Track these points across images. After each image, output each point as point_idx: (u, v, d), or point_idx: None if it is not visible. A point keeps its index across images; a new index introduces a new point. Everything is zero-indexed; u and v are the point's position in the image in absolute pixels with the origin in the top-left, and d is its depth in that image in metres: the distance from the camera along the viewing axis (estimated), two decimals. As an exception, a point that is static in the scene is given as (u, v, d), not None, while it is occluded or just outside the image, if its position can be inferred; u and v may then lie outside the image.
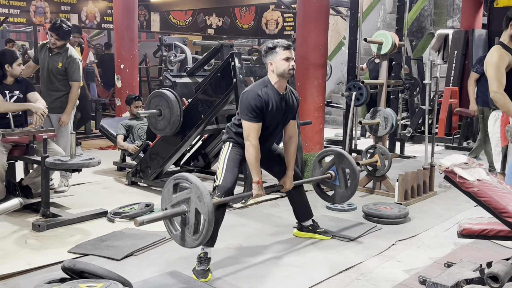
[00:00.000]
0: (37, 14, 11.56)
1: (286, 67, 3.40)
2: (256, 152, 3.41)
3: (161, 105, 4.99)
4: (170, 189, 3.11)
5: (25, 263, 3.43)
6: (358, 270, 3.45)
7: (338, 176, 4.05)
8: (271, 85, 3.46)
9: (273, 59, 3.43)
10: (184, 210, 2.99)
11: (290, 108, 3.59)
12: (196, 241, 2.96)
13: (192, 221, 2.96)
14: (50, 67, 5.26)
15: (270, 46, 3.45)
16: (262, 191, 3.50)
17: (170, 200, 3.08)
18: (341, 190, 4.08)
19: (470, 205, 4.86)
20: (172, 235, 3.10)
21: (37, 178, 4.59)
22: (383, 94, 5.46)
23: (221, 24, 16.07)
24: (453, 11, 12.40)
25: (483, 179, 2.48)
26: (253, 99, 3.38)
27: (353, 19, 7.12)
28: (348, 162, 4.02)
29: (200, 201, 2.92)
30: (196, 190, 2.94)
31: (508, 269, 2.59)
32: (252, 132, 3.39)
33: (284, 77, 3.45)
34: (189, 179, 3.01)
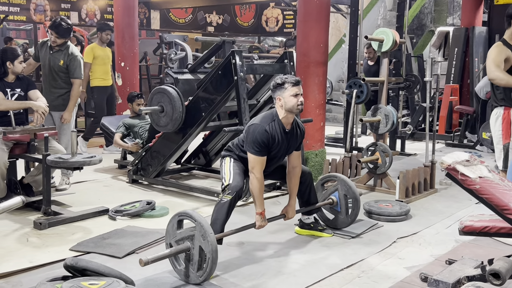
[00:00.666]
0: (37, 12, 11.55)
1: (295, 103, 3.44)
2: (260, 185, 3.47)
3: (163, 102, 4.99)
4: (175, 225, 3.20)
5: (27, 261, 3.44)
6: (360, 267, 3.45)
7: (340, 202, 4.08)
8: (279, 119, 3.50)
9: (281, 95, 3.47)
10: (188, 247, 3.08)
11: (294, 141, 3.65)
12: (200, 277, 3.04)
13: (196, 258, 3.04)
14: (51, 64, 5.26)
15: (278, 82, 3.49)
16: (265, 222, 3.56)
17: (175, 236, 3.17)
18: (341, 217, 4.11)
19: (471, 202, 4.87)
20: (176, 270, 3.18)
21: (38, 176, 4.59)
22: (384, 92, 5.45)
23: (221, 21, 16.07)
24: (453, 9, 12.38)
25: (485, 176, 2.48)
26: (260, 134, 3.42)
27: (353, 16, 7.13)
28: (351, 191, 4.04)
29: (204, 240, 3.00)
30: (200, 228, 3.02)
31: (509, 266, 2.59)
32: (257, 165, 3.44)
33: (293, 113, 3.49)
34: (194, 217, 3.09)
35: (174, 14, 15.49)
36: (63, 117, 5.23)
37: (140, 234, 3.95)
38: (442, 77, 9.23)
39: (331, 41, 10.63)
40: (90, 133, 7.50)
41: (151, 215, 4.44)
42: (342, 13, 12.01)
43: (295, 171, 3.72)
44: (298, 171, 3.73)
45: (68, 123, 5.27)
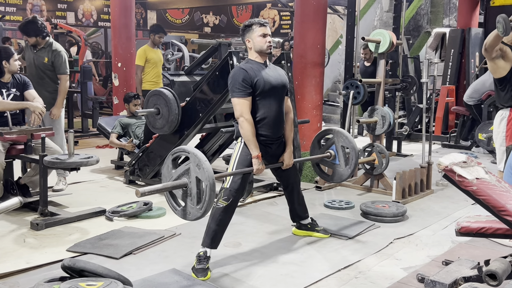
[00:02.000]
0: (34, 12, 11.52)
1: (264, 43, 3.46)
2: (251, 127, 3.41)
3: (159, 104, 4.99)
4: (169, 166, 3.09)
5: (24, 262, 3.43)
6: (357, 268, 3.46)
7: (338, 154, 4.04)
8: (252, 60, 3.52)
9: (250, 36, 3.49)
10: (185, 182, 2.97)
11: (279, 77, 3.58)
12: (200, 210, 2.93)
13: (194, 191, 2.94)
14: (36, 63, 5.26)
15: (246, 24, 3.53)
16: (262, 165, 3.48)
17: (171, 177, 3.06)
18: (340, 169, 4.07)
19: (468, 203, 4.89)
20: (176, 212, 3.07)
21: (35, 177, 4.58)
22: (381, 93, 5.47)
23: (218, 22, 16.07)
24: (450, 10, 12.42)
25: (482, 177, 2.49)
26: (237, 74, 3.42)
27: (350, 17, 7.15)
28: (348, 141, 4.01)
29: (199, 169, 2.90)
30: (194, 158, 2.93)
31: (506, 267, 2.61)
32: (243, 107, 3.40)
33: (263, 53, 3.50)
34: (186, 149, 3.02)
35: (170, 15, 15.49)
36: (52, 113, 5.19)
37: (137, 234, 3.95)
38: (439, 78, 9.27)
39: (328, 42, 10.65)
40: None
41: (148, 216, 4.44)
42: (339, 14, 12.04)
43: (288, 116, 3.70)
44: (291, 116, 3.72)
45: (59, 123, 5.26)
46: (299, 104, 5.67)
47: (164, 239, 3.89)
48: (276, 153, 3.68)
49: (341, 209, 4.77)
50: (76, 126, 8.98)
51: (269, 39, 3.48)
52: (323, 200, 5.01)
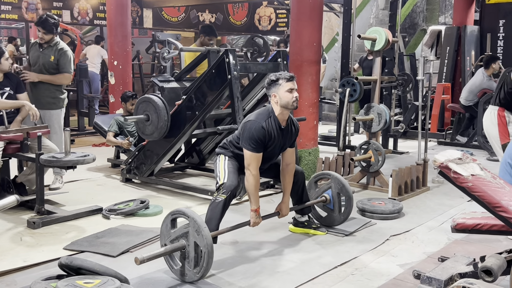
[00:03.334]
0: (29, 10, 11.48)
1: (290, 98, 3.46)
2: (256, 182, 3.48)
3: (148, 111, 5.02)
4: (168, 225, 3.20)
5: (21, 260, 3.43)
6: (353, 265, 3.47)
7: (333, 200, 4.10)
8: (275, 116, 3.52)
9: (276, 91, 3.48)
10: (183, 244, 3.08)
11: (289, 138, 3.67)
12: (197, 274, 3.04)
13: (192, 254, 3.04)
14: (42, 62, 5.21)
15: (273, 79, 3.51)
16: (260, 219, 3.57)
17: (169, 236, 3.17)
18: (334, 214, 4.13)
19: (463, 200, 4.91)
20: (173, 270, 3.18)
21: (32, 175, 4.58)
22: (377, 90, 5.48)
23: (214, 20, 16.03)
24: (445, 8, 12.44)
25: (477, 174, 2.50)
26: (257, 131, 3.44)
27: (346, 15, 7.15)
28: (345, 189, 4.06)
29: (198, 235, 3.00)
30: (194, 224, 3.02)
31: (501, 263, 2.62)
32: (253, 162, 3.45)
33: (288, 109, 3.51)
34: (186, 213, 3.10)
35: (166, 13, 15.43)
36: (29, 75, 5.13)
37: (134, 233, 3.95)
38: (434, 76, 9.28)
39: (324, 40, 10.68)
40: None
41: (145, 214, 4.44)
42: (335, 12, 12.05)
43: (289, 168, 3.74)
44: (292, 168, 3.75)
45: (58, 122, 5.25)
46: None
47: (161, 237, 3.89)
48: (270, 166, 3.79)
49: (337, 206, 4.78)
50: (73, 124, 8.96)
51: (296, 94, 3.49)
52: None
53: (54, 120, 5.24)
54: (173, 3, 14.89)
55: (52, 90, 5.25)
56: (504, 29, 8.77)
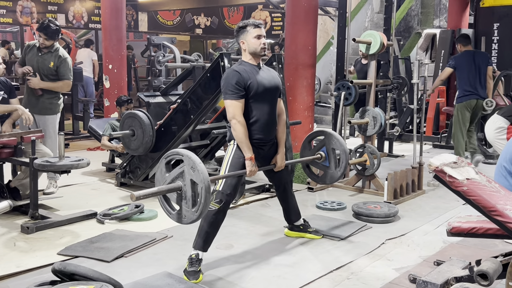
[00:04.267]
0: (24, 14, 11.45)
1: (258, 44, 3.45)
2: (244, 128, 3.39)
3: (134, 126, 5.06)
4: (163, 169, 3.05)
5: (14, 265, 3.41)
6: (349, 269, 3.46)
7: (328, 157, 4.05)
8: (246, 62, 3.50)
9: (244, 38, 3.47)
10: (179, 185, 2.93)
11: (272, 79, 3.56)
12: (196, 213, 2.89)
13: (189, 193, 2.90)
14: (40, 66, 5.15)
15: (240, 26, 3.50)
16: (255, 167, 3.47)
17: (164, 180, 3.01)
18: (331, 171, 4.07)
19: (459, 203, 4.91)
20: (170, 216, 3.02)
21: (26, 180, 4.55)
22: (372, 94, 5.48)
23: (209, 23, 16.05)
24: (440, 11, 12.48)
25: (472, 178, 2.50)
26: (230, 76, 3.40)
27: (341, 19, 7.17)
28: (339, 143, 4.01)
29: (194, 171, 2.86)
30: (189, 160, 2.89)
31: (496, 267, 2.61)
32: (236, 110, 3.38)
33: (257, 55, 3.49)
34: (180, 152, 2.98)
35: (162, 16, 15.44)
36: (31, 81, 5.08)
37: (129, 237, 3.93)
38: (429, 79, 9.30)
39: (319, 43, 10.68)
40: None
41: (140, 219, 4.42)
42: (330, 15, 12.05)
43: (280, 119, 3.69)
44: (283, 118, 3.72)
45: (53, 127, 5.22)
46: (290, 106, 5.67)
47: (156, 241, 3.87)
48: (268, 155, 3.68)
49: (333, 210, 4.78)
50: (67, 128, 8.94)
51: (264, 40, 3.47)
52: (315, 201, 5.02)
53: (49, 125, 5.21)
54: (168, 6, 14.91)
55: (50, 96, 5.22)
56: (499, 32, 8.80)
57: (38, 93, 5.11)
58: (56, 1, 11.93)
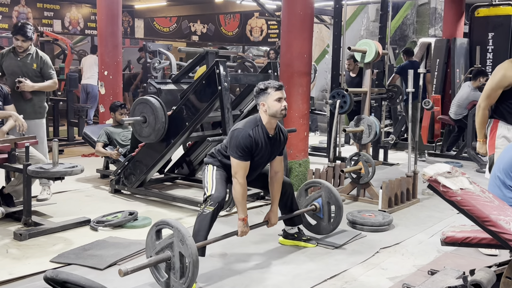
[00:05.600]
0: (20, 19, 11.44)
1: (279, 108, 3.45)
2: (243, 191, 3.46)
3: (145, 112, 4.97)
4: (153, 236, 3.17)
5: (7, 273, 3.38)
6: (343, 278, 3.45)
7: (323, 209, 4.10)
8: (262, 124, 3.51)
9: (265, 100, 3.47)
10: (168, 256, 3.05)
11: (277, 146, 3.65)
12: (183, 285, 3.00)
13: (178, 265, 3.01)
14: (24, 70, 5.12)
15: (261, 88, 3.50)
16: (247, 228, 3.54)
17: (154, 248, 3.14)
18: (323, 223, 4.13)
19: (453, 212, 4.91)
20: (159, 283, 3.14)
21: (19, 186, 4.52)
22: (367, 102, 5.49)
23: (205, 31, 16.08)
24: (435, 20, 12.55)
25: (466, 188, 2.50)
26: (244, 139, 3.42)
27: (336, 27, 7.19)
28: (335, 198, 4.06)
29: (183, 244, 2.97)
30: (178, 233, 3.00)
31: (490, 277, 2.62)
32: (240, 170, 3.43)
33: (276, 118, 3.50)
34: (170, 223, 3.08)
35: (158, 23, 15.47)
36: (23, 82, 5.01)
37: (122, 245, 3.91)
38: (424, 88, 9.32)
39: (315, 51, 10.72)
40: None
41: (134, 226, 4.40)
42: (326, 23, 12.11)
43: (277, 176, 3.71)
44: (280, 176, 3.73)
45: (44, 132, 5.22)
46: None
47: (150, 249, 3.85)
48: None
49: (327, 218, 4.77)
50: (62, 134, 8.91)
51: (285, 103, 3.49)
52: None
53: (40, 129, 5.20)
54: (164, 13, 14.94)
55: (39, 100, 5.22)
56: (493, 42, 8.86)
57: (28, 97, 5.09)
58: (52, 7, 11.94)
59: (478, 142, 4.24)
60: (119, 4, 7.86)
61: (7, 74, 5.24)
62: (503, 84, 3.96)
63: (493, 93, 4.01)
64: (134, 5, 14.09)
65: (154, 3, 14.01)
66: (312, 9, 5.91)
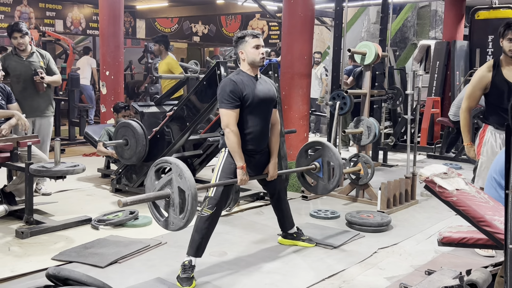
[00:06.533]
0: (22, 19, 11.48)
1: (257, 54, 3.48)
2: (237, 138, 3.42)
3: (127, 135, 5.10)
4: (152, 177, 3.12)
5: (9, 270, 3.42)
6: (341, 277, 3.49)
7: (323, 168, 4.09)
8: (243, 72, 3.52)
9: (243, 48, 3.50)
10: (167, 193, 2.99)
11: (268, 92, 3.60)
12: (183, 220, 2.94)
13: (177, 201, 2.96)
14: (33, 69, 5.20)
15: (239, 36, 3.54)
16: (246, 176, 3.49)
17: (154, 188, 3.08)
18: (323, 183, 4.12)
19: (451, 213, 4.94)
20: (159, 223, 3.08)
21: (21, 185, 4.56)
22: (367, 104, 5.53)
23: (206, 31, 16.12)
24: (436, 22, 12.59)
25: (461, 188, 2.54)
26: (227, 85, 3.42)
27: (337, 29, 7.23)
28: (334, 156, 4.05)
29: (181, 178, 2.92)
30: (176, 168, 2.95)
31: (486, 277, 2.65)
32: (230, 119, 3.41)
33: (255, 65, 3.52)
34: (168, 160, 3.04)
35: (159, 24, 15.51)
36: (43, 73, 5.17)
37: (123, 243, 3.95)
38: (424, 90, 9.36)
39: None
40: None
41: (134, 225, 4.44)
42: (327, 25, 12.15)
43: (274, 127, 3.71)
44: (277, 128, 3.74)
45: (47, 133, 5.29)
46: (286, 114, 5.71)
47: (150, 248, 3.89)
48: (260, 162, 3.70)
49: (326, 218, 4.81)
50: (63, 134, 8.95)
51: (262, 50, 3.50)
52: (309, 210, 5.05)
53: (50, 127, 5.35)
54: (166, 14, 14.98)
55: (49, 96, 5.35)
56: (493, 44, 8.89)
57: (43, 89, 5.23)
58: (54, 7, 11.99)
59: (466, 146, 4.29)
60: (121, 5, 7.91)
61: (15, 76, 5.27)
62: (480, 85, 4.09)
63: (472, 94, 4.15)
64: (135, 6, 14.14)
65: (155, 3, 14.05)
66: (313, 11, 5.95)
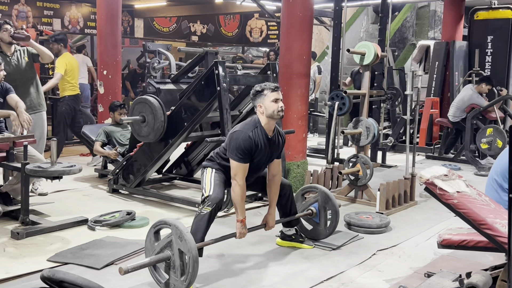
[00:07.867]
0: (19, 18, 11.44)
1: (275, 108, 3.47)
2: (242, 192, 3.46)
3: (144, 112, 4.97)
4: (152, 238, 3.17)
5: (3, 271, 3.38)
6: (340, 279, 3.46)
7: (319, 214, 4.10)
8: (261, 126, 3.52)
9: (262, 102, 3.50)
10: (168, 255, 3.04)
11: (276, 148, 3.66)
12: (184, 282, 2.99)
13: (178, 263, 3.00)
14: (19, 66, 5.18)
15: (258, 90, 3.53)
16: (245, 230, 3.54)
17: (154, 250, 3.13)
18: (320, 228, 4.13)
19: (450, 215, 4.89)
20: (160, 285, 3.13)
21: (17, 185, 4.52)
22: (365, 104, 5.50)
23: (205, 31, 16.08)
24: (435, 23, 12.57)
25: (462, 191, 2.51)
26: (243, 140, 3.43)
27: (336, 29, 7.20)
28: (332, 203, 4.06)
29: (181, 241, 2.96)
30: (176, 230, 2.99)
31: (486, 280, 2.62)
32: (239, 172, 3.44)
33: (274, 119, 3.51)
34: (167, 221, 3.08)
35: (158, 23, 15.46)
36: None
37: (120, 245, 3.91)
38: (423, 90, 9.34)
39: (314, 53, 10.70)
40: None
41: (131, 226, 4.40)
42: (325, 25, 12.12)
43: (275, 179, 3.73)
44: (278, 179, 3.74)
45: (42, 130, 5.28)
46: (284, 114, 5.67)
47: (147, 249, 3.85)
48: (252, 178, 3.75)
49: (325, 220, 4.77)
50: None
51: (281, 104, 3.51)
52: (307, 211, 5.01)
53: (44, 123, 5.33)
54: (164, 13, 14.93)
55: (39, 91, 5.36)
56: (492, 45, 8.87)
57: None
58: (52, 6, 11.93)
59: None
60: (119, 4, 7.87)
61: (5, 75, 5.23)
62: None
63: None
64: (134, 5, 14.09)
65: (154, 3, 14.00)
66: (312, 10, 5.92)
